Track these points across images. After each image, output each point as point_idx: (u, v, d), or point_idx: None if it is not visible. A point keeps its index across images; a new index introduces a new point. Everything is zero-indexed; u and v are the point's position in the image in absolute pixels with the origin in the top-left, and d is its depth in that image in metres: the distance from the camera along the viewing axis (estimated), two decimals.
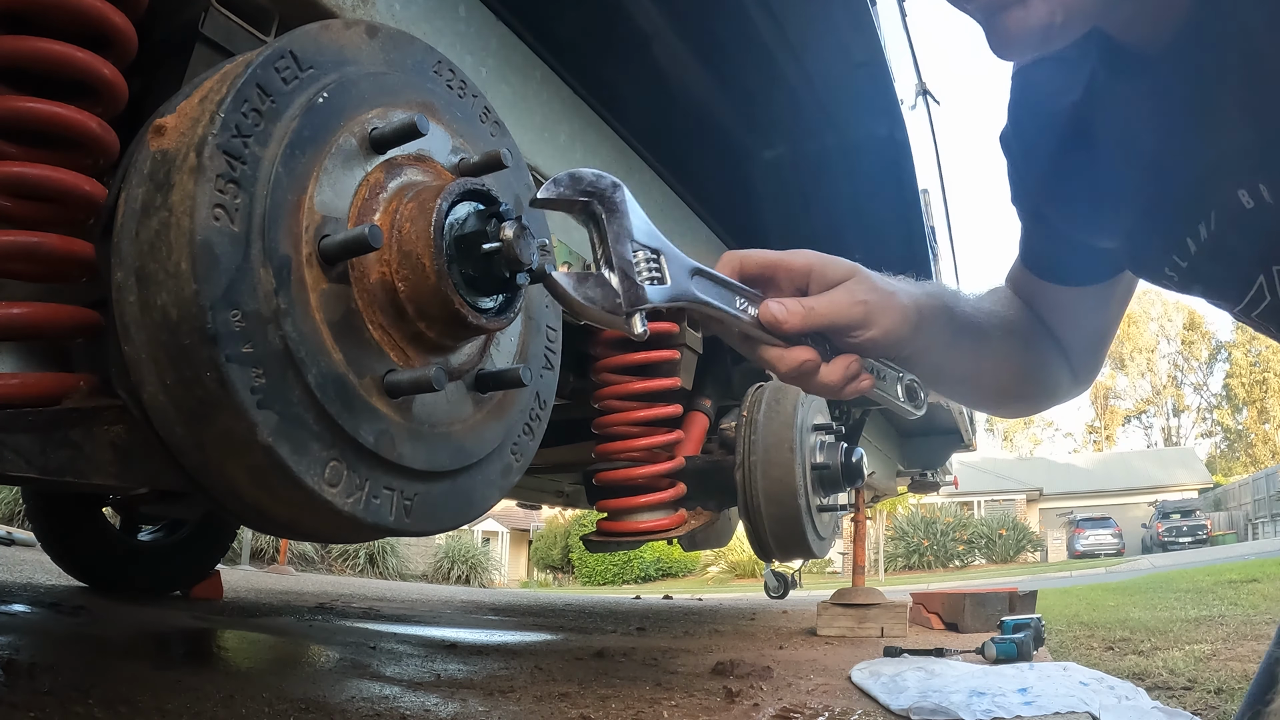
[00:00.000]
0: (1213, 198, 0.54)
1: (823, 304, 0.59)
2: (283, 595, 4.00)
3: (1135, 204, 0.61)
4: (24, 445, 0.66)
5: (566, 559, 20.83)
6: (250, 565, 8.45)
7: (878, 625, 2.97)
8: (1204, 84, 0.52)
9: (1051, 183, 0.70)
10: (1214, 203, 0.54)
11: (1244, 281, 0.57)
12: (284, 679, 1.39)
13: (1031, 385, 0.78)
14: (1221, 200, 0.54)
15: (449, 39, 1.14)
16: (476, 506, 0.78)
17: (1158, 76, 0.55)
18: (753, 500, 2.07)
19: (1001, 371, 0.74)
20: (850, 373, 0.60)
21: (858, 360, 0.60)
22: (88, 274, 0.76)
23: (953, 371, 0.71)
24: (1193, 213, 0.56)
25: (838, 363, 0.60)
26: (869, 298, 0.60)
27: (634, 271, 0.52)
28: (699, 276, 0.56)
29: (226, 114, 0.59)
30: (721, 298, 0.57)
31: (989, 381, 0.75)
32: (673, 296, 0.54)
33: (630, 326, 0.52)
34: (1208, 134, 0.53)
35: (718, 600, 7.66)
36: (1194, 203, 0.56)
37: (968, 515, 21.42)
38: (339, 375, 0.64)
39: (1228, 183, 0.53)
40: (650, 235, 0.54)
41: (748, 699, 1.51)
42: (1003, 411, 0.83)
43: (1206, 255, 0.57)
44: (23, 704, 0.91)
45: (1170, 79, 0.54)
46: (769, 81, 1.89)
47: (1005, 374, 0.75)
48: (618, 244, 0.52)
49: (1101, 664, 2.25)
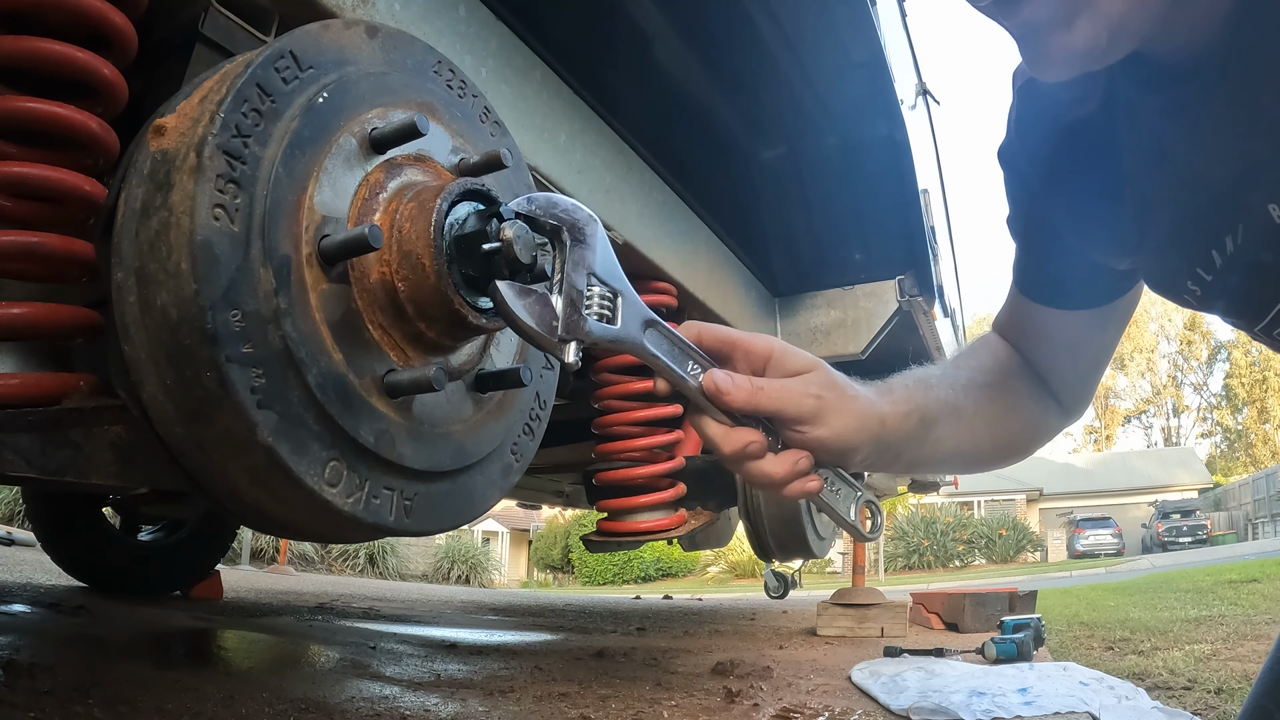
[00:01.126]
0: (1241, 212, 0.53)
1: (773, 387, 0.56)
2: (283, 595, 4.00)
3: (1160, 218, 0.60)
4: (24, 445, 0.66)
5: (566, 559, 20.83)
6: (250, 565, 8.45)
7: (878, 625, 2.97)
8: (1238, 97, 0.51)
9: (1066, 199, 0.68)
10: (1242, 217, 0.53)
11: (1269, 298, 0.55)
12: (284, 679, 1.39)
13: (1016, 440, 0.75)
14: (1250, 214, 0.53)
15: (449, 39, 1.14)
16: (476, 506, 0.78)
17: (1190, 89, 0.54)
18: (753, 500, 2.07)
19: (982, 442, 0.72)
20: (798, 469, 0.57)
21: (808, 458, 0.57)
22: (88, 274, 0.76)
23: (929, 461, 0.69)
24: (1220, 227, 0.55)
25: (786, 456, 0.56)
26: (824, 394, 0.57)
27: (582, 302, 0.52)
28: (653, 329, 0.55)
29: (226, 114, 0.59)
30: (671, 356, 0.55)
31: (970, 453, 0.72)
32: (615, 338, 0.53)
33: (562, 353, 0.52)
34: (1238, 147, 0.52)
35: (718, 600, 7.66)
36: (1221, 216, 0.55)
37: (968, 515, 21.41)
38: (339, 375, 0.64)
39: (1257, 197, 0.51)
40: (613, 275, 0.54)
41: (748, 699, 1.51)
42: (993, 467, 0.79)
43: (1231, 271, 0.56)
44: (23, 704, 0.91)
45: (1203, 92, 0.53)
46: (769, 81, 1.89)
47: (987, 443, 0.73)
48: (573, 271, 0.53)
49: (1101, 664, 2.25)
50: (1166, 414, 40.32)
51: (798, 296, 2.55)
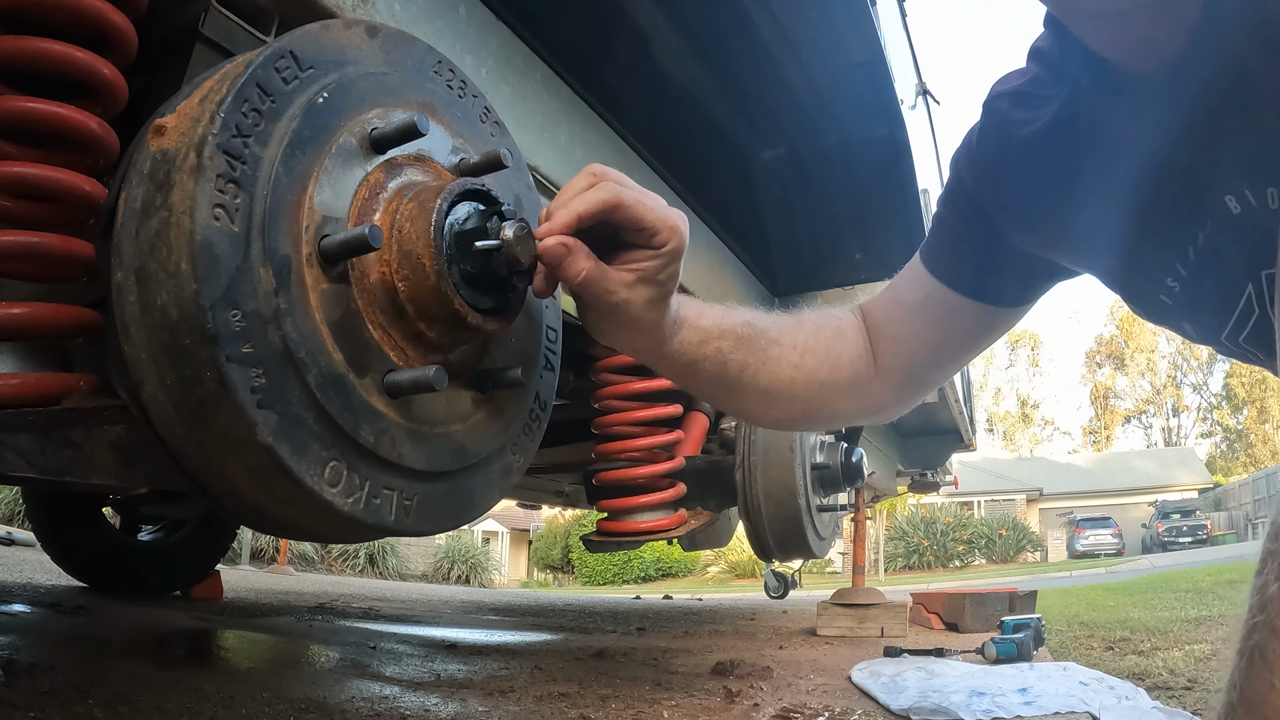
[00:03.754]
0: (1207, 208, 0.56)
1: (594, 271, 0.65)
2: (283, 595, 4.00)
3: (1131, 221, 0.62)
4: (24, 445, 0.66)
5: (566, 559, 20.83)
6: (250, 565, 8.45)
7: (878, 625, 2.97)
8: (1201, 101, 0.54)
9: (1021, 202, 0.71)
10: (1210, 211, 0.56)
11: (1234, 294, 0.57)
12: (284, 679, 1.39)
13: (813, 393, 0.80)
14: (1214, 210, 0.55)
15: (449, 39, 1.14)
16: (476, 506, 0.78)
17: (1155, 91, 0.57)
18: (753, 500, 2.07)
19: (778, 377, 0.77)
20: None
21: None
22: (88, 274, 0.76)
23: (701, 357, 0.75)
24: (1189, 225, 0.58)
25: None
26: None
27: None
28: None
29: (227, 114, 0.59)
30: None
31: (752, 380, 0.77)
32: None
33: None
34: (1203, 148, 0.55)
35: (718, 600, 7.66)
36: (1190, 215, 0.57)
37: (968, 515, 21.42)
38: (339, 375, 0.64)
39: (1218, 191, 0.54)
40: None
41: (748, 699, 1.51)
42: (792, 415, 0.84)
43: (1201, 269, 0.58)
44: (23, 704, 0.91)
45: (1169, 92, 0.56)
46: (769, 81, 1.89)
47: (784, 378, 0.77)
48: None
49: (1101, 664, 2.25)
50: (1166, 414, 40.34)
51: (798, 296, 2.55)
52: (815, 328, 0.80)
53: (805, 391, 0.78)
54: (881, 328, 0.81)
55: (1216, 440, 38.73)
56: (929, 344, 0.80)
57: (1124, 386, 40.59)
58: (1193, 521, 21.58)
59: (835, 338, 0.80)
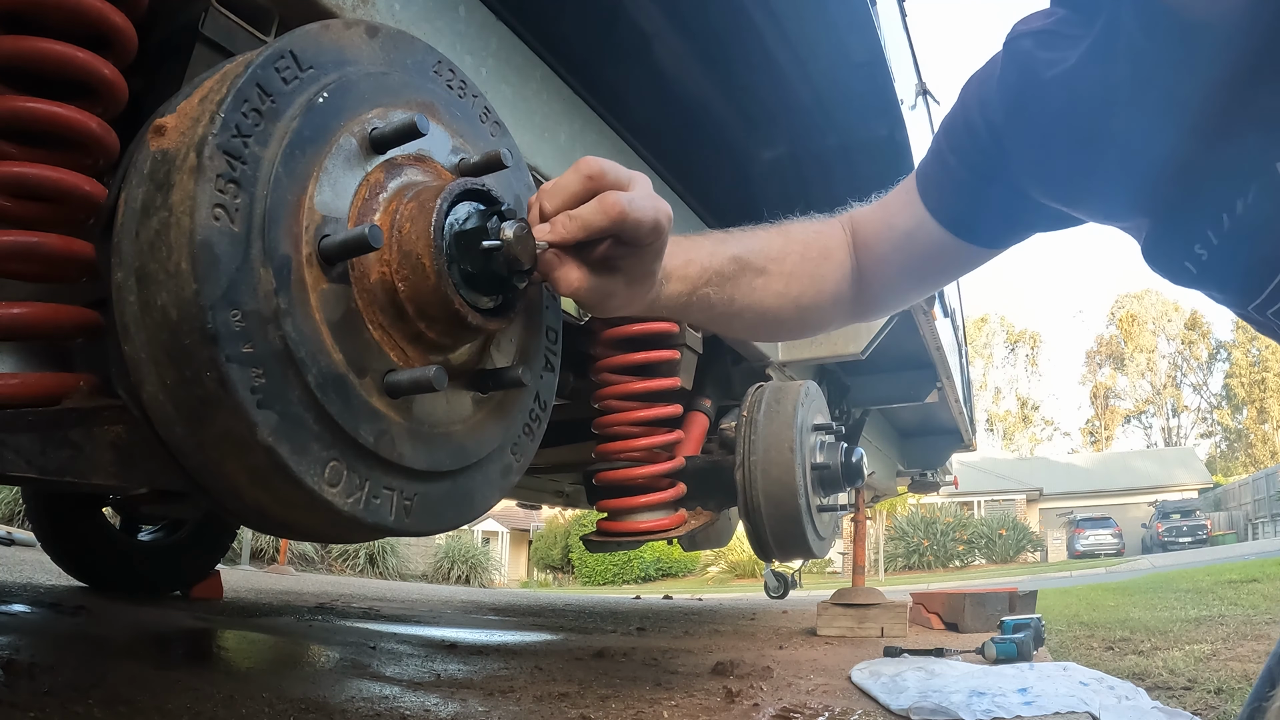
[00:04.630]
0: (1256, 171, 0.52)
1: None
2: (283, 595, 4.00)
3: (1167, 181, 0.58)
4: (24, 445, 0.66)
5: (566, 559, 20.83)
6: (250, 565, 8.45)
7: (878, 625, 2.97)
8: (1268, 56, 0.50)
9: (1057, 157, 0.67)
10: (1257, 176, 0.52)
11: (1270, 266, 0.54)
12: (284, 679, 1.39)
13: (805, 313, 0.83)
14: (1265, 174, 0.52)
15: (449, 39, 1.14)
16: (476, 506, 0.78)
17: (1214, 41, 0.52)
18: (753, 500, 2.07)
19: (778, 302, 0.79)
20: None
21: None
22: (88, 274, 0.76)
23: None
24: (1233, 187, 0.54)
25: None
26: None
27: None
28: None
29: (226, 114, 0.59)
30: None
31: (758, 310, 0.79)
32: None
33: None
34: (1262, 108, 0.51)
35: (718, 600, 7.66)
36: (1234, 179, 0.54)
37: (968, 515, 21.42)
38: (339, 375, 0.64)
39: (1271, 156, 0.51)
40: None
41: (748, 699, 1.51)
42: (770, 336, 0.90)
43: (1238, 235, 0.55)
44: (23, 704, 0.91)
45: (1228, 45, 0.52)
46: (769, 81, 1.89)
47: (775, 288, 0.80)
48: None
49: (1101, 664, 2.25)
50: (1166, 414, 40.35)
51: None
52: (803, 248, 0.82)
53: (789, 314, 0.81)
54: (870, 245, 0.83)
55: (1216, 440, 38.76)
56: (908, 272, 0.82)
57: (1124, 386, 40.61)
58: (1193, 521, 21.57)
59: (822, 260, 0.82)
